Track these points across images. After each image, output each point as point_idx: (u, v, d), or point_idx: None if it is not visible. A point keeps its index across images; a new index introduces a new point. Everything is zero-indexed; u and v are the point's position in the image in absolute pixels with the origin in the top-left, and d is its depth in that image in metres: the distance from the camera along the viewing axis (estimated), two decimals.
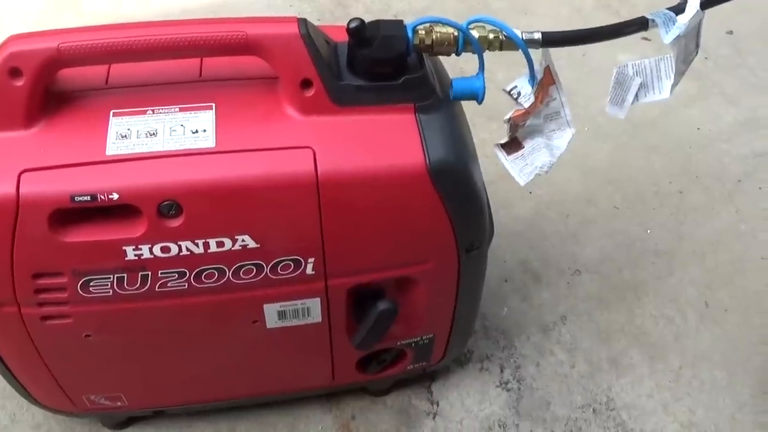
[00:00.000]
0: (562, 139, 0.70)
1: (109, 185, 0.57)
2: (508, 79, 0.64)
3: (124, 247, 0.59)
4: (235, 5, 1.35)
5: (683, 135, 1.19)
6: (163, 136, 0.59)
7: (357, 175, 0.60)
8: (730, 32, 1.38)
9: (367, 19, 0.61)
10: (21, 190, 0.56)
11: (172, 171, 0.58)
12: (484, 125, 1.11)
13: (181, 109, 0.61)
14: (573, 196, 1.09)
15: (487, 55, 0.63)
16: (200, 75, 0.64)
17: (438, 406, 0.85)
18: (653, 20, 0.66)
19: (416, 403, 0.85)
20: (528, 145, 0.70)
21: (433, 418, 0.84)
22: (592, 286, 0.98)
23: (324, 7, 1.41)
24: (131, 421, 0.82)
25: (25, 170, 0.57)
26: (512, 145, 0.69)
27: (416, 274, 0.67)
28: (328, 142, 0.60)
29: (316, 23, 0.62)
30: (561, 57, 0.66)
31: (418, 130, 0.62)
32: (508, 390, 0.87)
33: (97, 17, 1.33)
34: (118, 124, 0.60)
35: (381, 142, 0.61)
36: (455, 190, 0.63)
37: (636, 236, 1.04)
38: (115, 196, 0.57)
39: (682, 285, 0.98)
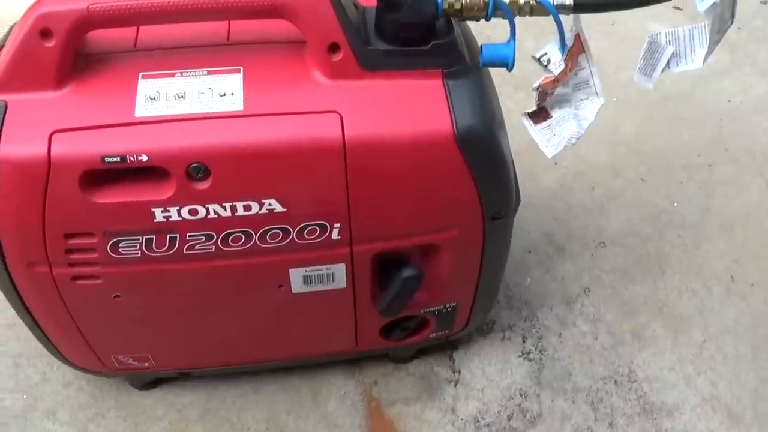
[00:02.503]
0: (590, 109, 0.69)
1: (139, 147, 0.57)
2: (536, 48, 0.63)
3: (152, 209, 0.59)
4: None
5: (714, 107, 1.17)
6: (192, 99, 0.59)
7: (384, 141, 0.60)
8: (765, 2, 1.35)
9: None
10: (52, 151, 0.57)
11: (201, 134, 0.58)
12: (510, 95, 1.11)
13: (209, 72, 0.61)
14: (599, 168, 1.08)
15: (516, 22, 0.62)
16: (228, 39, 0.64)
17: (459, 374, 0.86)
18: None
19: (438, 370, 0.86)
20: (556, 115, 0.69)
21: (455, 385, 0.85)
22: (616, 259, 0.97)
23: None
24: (158, 382, 0.84)
25: (56, 131, 0.57)
26: (540, 115, 0.69)
27: (441, 242, 0.67)
28: (355, 107, 0.60)
29: None
30: (590, 26, 0.65)
31: (446, 96, 0.61)
32: (530, 360, 0.87)
33: None
34: (147, 86, 0.60)
35: (408, 108, 0.61)
36: (482, 158, 0.62)
37: (662, 209, 1.03)
38: (145, 158, 0.57)
39: (708, 259, 0.97)
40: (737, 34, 1.27)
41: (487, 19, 0.63)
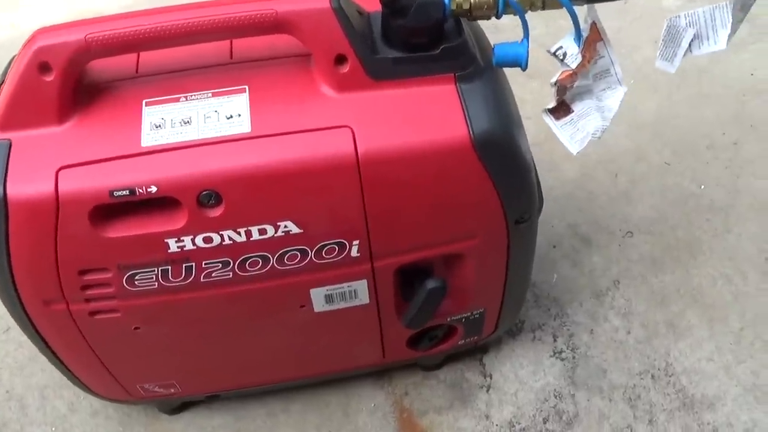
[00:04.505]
0: (613, 98, 0.67)
1: (147, 178, 0.56)
2: (547, 32, 0.61)
3: (166, 240, 0.58)
4: None
5: (736, 81, 1.14)
6: (198, 124, 0.57)
7: (398, 152, 0.58)
8: None
9: None
10: (60, 188, 0.55)
11: (209, 159, 0.56)
12: (524, 84, 1.08)
13: (214, 94, 0.59)
14: (621, 154, 1.05)
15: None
16: (231, 57, 0.62)
17: (491, 378, 0.84)
18: None
19: (469, 376, 0.84)
20: (577, 108, 0.66)
21: (487, 390, 0.83)
22: (645, 248, 0.94)
23: None
24: (186, 405, 0.83)
25: (63, 167, 0.56)
26: (561, 110, 0.66)
27: (464, 250, 0.65)
28: (367, 120, 0.58)
29: None
30: (601, 5, 0.62)
31: (460, 101, 0.59)
32: (562, 359, 0.85)
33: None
34: (152, 114, 0.58)
35: (421, 116, 0.59)
36: (502, 162, 0.60)
37: (689, 192, 1.00)
38: (154, 189, 0.56)
39: (740, 242, 0.94)
40: (756, 3, 1.23)
41: (498, 17, 0.60)
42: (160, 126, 0.58)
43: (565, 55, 0.63)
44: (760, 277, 0.90)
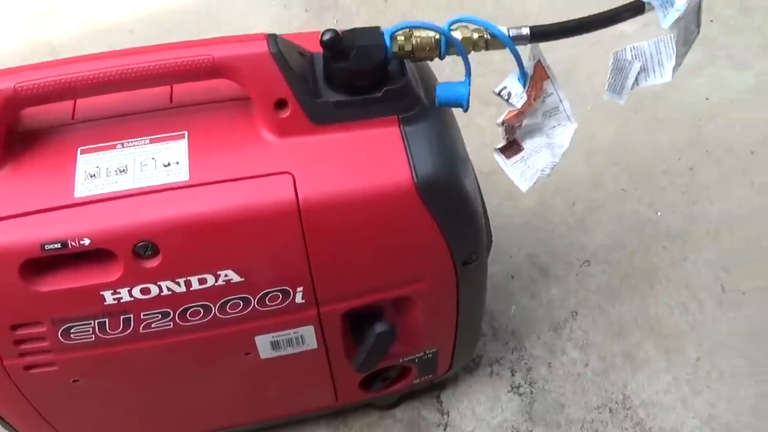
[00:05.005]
0: (564, 135, 0.67)
1: (80, 230, 0.54)
2: (504, 59, 0.60)
3: (101, 292, 0.56)
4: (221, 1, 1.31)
5: (691, 106, 1.14)
6: (134, 172, 0.56)
7: (340, 198, 0.57)
8: None
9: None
10: None
11: (145, 210, 0.55)
12: (480, 111, 1.07)
13: (151, 141, 0.58)
14: (578, 181, 1.05)
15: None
16: (171, 100, 0.60)
17: (449, 416, 0.83)
18: (649, 3, 0.62)
19: (426, 414, 0.83)
20: (528, 146, 0.66)
21: (444, 429, 0.82)
22: (602, 277, 0.94)
23: None
24: None
25: None
26: (511, 148, 0.66)
27: (412, 293, 0.64)
28: (308, 165, 0.57)
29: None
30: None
31: (404, 143, 0.58)
32: (520, 394, 0.84)
33: (82, 25, 1.29)
34: (86, 162, 0.57)
35: (364, 160, 0.58)
36: (447, 204, 0.59)
37: (646, 219, 1.00)
38: (87, 242, 0.54)
39: (696, 269, 0.94)
40: (709, 26, 1.24)
41: (441, 58, 0.60)
42: (94, 175, 0.56)
43: (510, 95, 0.63)
44: (716, 306, 0.90)
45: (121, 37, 1.25)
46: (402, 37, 0.58)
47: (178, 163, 0.56)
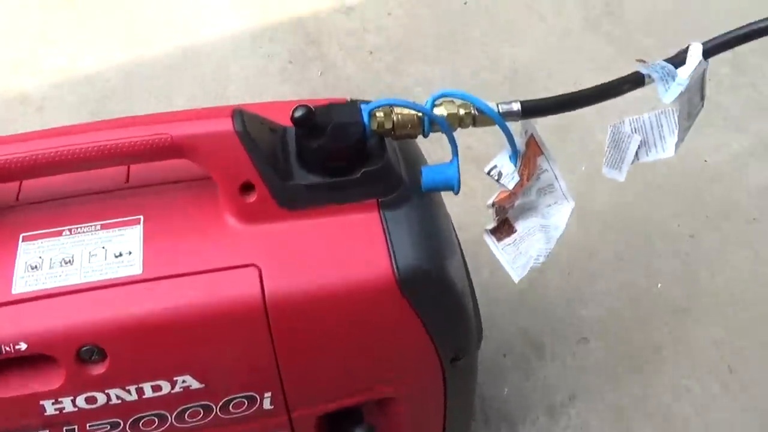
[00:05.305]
0: (560, 215, 0.62)
1: (15, 333, 0.48)
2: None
3: (41, 402, 0.49)
4: (200, 50, 1.26)
5: (689, 169, 1.10)
6: (81, 264, 0.50)
7: (312, 293, 0.51)
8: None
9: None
10: None
11: (90, 309, 0.49)
12: (473, 173, 1.01)
13: (103, 227, 0.52)
14: (573, 249, 1.00)
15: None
16: (127, 180, 0.55)
17: None
18: (649, 75, 0.57)
19: None
20: (521, 227, 0.61)
21: None
22: (600, 355, 0.88)
23: (296, 48, 1.31)
24: None
25: None
26: (502, 229, 0.61)
27: (394, 394, 0.58)
28: (276, 256, 0.51)
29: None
30: (550, 90, 0.57)
31: (384, 231, 0.53)
32: None
33: (55, 74, 1.24)
34: (28, 252, 0.51)
35: (339, 251, 0.52)
36: (431, 299, 0.53)
37: (645, 290, 0.95)
38: (23, 346, 0.48)
39: (700, 347, 0.88)
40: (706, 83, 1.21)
41: (425, 135, 0.55)
42: (36, 267, 0.50)
43: (500, 174, 0.58)
44: (722, 388, 0.84)
45: (98, 86, 1.20)
46: (381, 114, 0.53)
47: (130, 253, 0.50)
